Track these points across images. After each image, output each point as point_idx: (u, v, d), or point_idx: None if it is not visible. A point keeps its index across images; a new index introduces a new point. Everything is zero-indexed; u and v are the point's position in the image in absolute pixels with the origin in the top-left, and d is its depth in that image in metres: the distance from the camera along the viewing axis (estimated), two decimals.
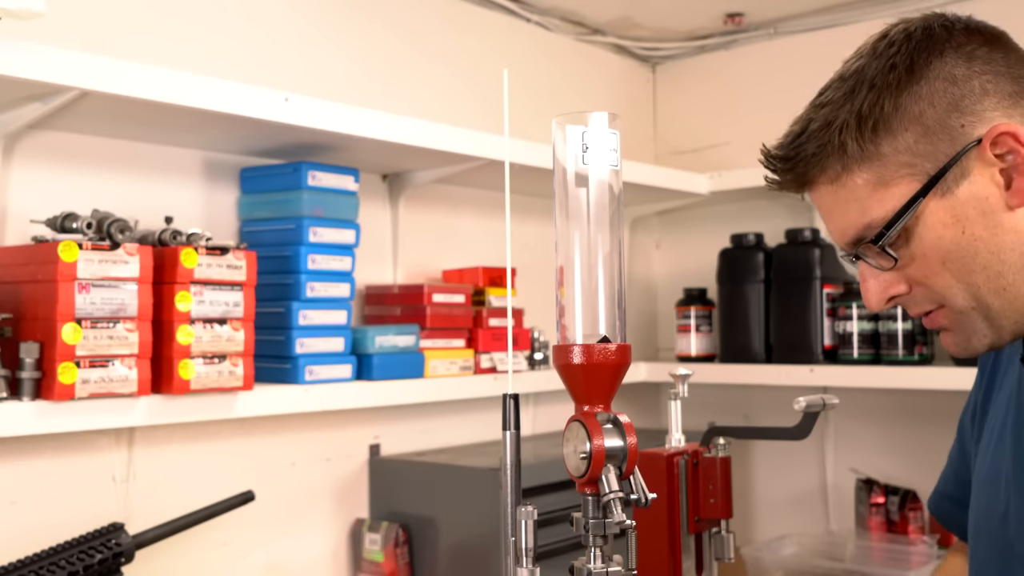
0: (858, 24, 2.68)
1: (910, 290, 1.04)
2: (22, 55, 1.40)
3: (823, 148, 1.01)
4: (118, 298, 1.53)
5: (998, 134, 0.97)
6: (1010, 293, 1.00)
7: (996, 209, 0.98)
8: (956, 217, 0.99)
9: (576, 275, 0.96)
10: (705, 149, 2.96)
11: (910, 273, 1.02)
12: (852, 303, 2.39)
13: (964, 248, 0.99)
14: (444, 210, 2.41)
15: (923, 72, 0.99)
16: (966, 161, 0.98)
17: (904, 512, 2.43)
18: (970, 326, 1.02)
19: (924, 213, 0.99)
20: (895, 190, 1.00)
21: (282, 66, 2.09)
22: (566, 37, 2.80)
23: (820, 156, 1.02)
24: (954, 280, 1.00)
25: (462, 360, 2.15)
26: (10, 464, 1.64)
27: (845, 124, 1.00)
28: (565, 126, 0.96)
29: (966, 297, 1.01)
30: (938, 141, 0.98)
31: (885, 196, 1.00)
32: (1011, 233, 0.98)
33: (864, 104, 0.99)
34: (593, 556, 0.94)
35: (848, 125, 1.00)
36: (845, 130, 1.00)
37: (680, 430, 1.28)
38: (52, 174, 1.74)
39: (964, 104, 0.98)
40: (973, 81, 0.99)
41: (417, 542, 2.07)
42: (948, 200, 0.99)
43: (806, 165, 1.04)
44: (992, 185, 0.98)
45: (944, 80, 0.99)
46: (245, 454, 1.96)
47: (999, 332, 1.02)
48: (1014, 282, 0.99)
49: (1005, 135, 0.97)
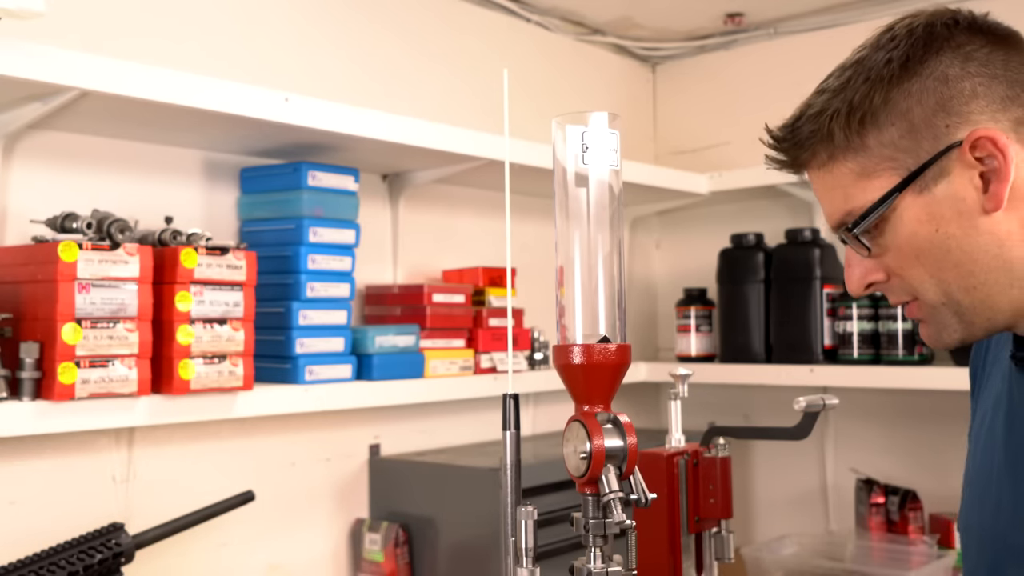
0: (858, 24, 2.68)
1: (888, 279, 1.06)
2: (22, 55, 1.40)
3: (814, 134, 1.04)
4: (118, 298, 1.53)
5: (978, 138, 0.98)
6: (980, 292, 1.01)
7: (972, 211, 0.99)
8: (931, 215, 1.00)
9: (576, 275, 0.96)
10: (705, 149, 2.96)
11: (887, 263, 1.04)
12: (852, 303, 2.39)
13: (937, 245, 1.00)
14: (444, 210, 2.41)
15: (917, 69, 1.00)
16: (947, 161, 0.99)
17: (904, 512, 2.43)
18: (941, 320, 1.04)
19: (900, 207, 1.01)
20: (876, 182, 1.01)
21: (282, 66, 2.09)
22: (566, 37, 2.80)
23: (811, 141, 1.04)
24: (927, 275, 1.02)
25: (462, 360, 2.15)
26: (10, 464, 1.64)
27: (836, 113, 1.02)
28: (565, 126, 0.96)
29: (937, 292, 1.03)
30: (922, 139, 1.00)
31: (867, 187, 1.02)
32: (985, 235, 1.00)
33: (856, 95, 1.01)
34: (593, 556, 0.94)
35: (839, 114, 1.01)
36: (835, 119, 1.02)
37: (680, 430, 1.28)
38: (52, 174, 1.74)
39: (951, 105, 0.99)
40: (964, 82, 0.99)
41: (417, 542, 2.07)
42: (925, 197, 1.00)
43: (799, 149, 1.06)
44: (970, 187, 0.99)
45: (936, 79, 0.99)
46: (245, 454, 1.96)
47: (969, 328, 1.04)
48: (985, 281, 1.01)
49: (984, 139, 0.98)
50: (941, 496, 2.42)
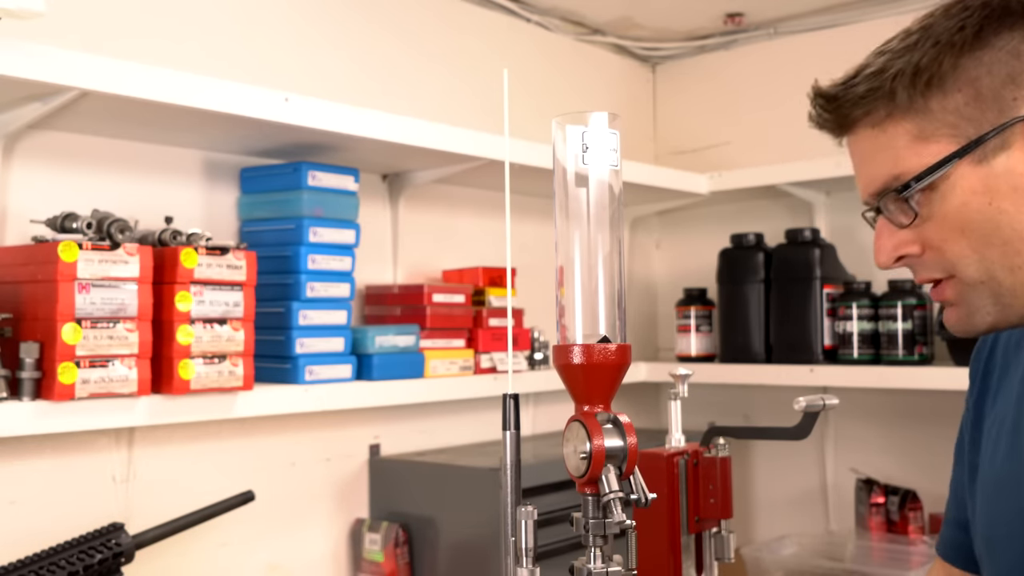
0: (858, 24, 2.68)
1: (922, 253, 1.03)
2: (22, 55, 1.40)
3: (873, 91, 1.02)
4: (118, 298, 1.53)
5: None
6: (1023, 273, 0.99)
7: None
8: (987, 187, 0.98)
9: (576, 275, 0.95)
10: (705, 149, 2.96)
11: (926, 235, 1.02)
12: (852, 303, 2.39)
13: (988, 219, 0.98)
14: (444, 210, 2.41)
15: (990, 40, 0.99)
16: (1010, 134, 0.98)
17: (904, 512, 2.43)
18: (976, 302, 1.02)
19: (955, 176, 0.99)
20: (933, 147, 1.00)
21: (282, 66, 2.09)
22: (566, 37, 2.80)
23: (868, 99, 1.02)
24: (969, 250, 1.00)
25: (462, 360, 2.15)
26: (10, 464, 1.64)
27: (900, 72, 1.00)
28: (565, 126, 0.96)
29: (978, 269, 1.00)
30: (987, 109, 0.98)
31: (921, 151, 1.00)
32: None
33: (924, 58, 0.99)
34: (593, 556, 0.94)
35: (903, 74, 1.00)
36: (899, 78, 1.00)
37: (680, 430, 1.28)
38: (52, 174, 1.74)
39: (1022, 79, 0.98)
40: None
41: (417, 542, 2.07)
42: (983, 169, 0.98)
43: (852, 106, 1.04)
44: None
45: (1008, 53, 0.98)
46: (245, 454, 1.96)
47: (1004, 312, 1.01)
48: None
49: None
50: (941, 496, 2.40)
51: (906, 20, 1.06)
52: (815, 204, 2.68)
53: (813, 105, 1.08)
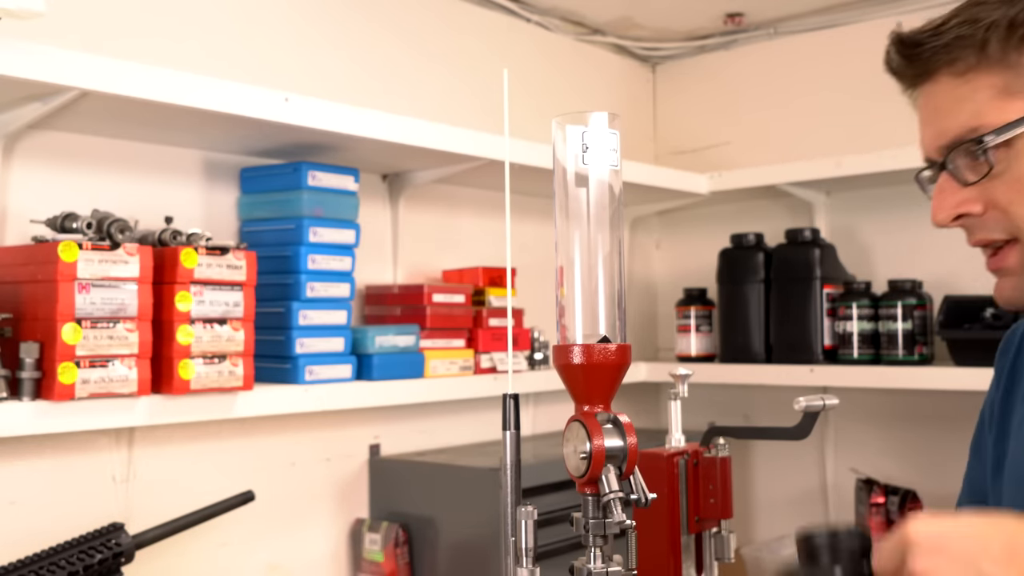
0: (858, 24, 2.68)
1: (984, 212, 1.02)
2: (22, 55, 1.40)
3: (962, 40, 1.00)
4: (118, 298, 1.53)
5: None
6: None
7: None
8: None
9: (576, 275, 0.95)
10: (705, 149, 2.96)
11: (993, 194, 1.01)
12: (852, 303, 2.39)
13: None
14: (444, 210, 2.41)
15: None
16: None
17: (904, 512, 2.43)
18: None
19: None
20: (1018, 103, 0.98)
21: (282, 66, 2.09)
22: (566, 37, 2.80)
23: (956, 47, 1.00)
24: None
25: (462, 360, 2.15)
26: (10, 464, 1.64)
27: (995, 24, 0.99)
28: (565, 126, 0.96)
29: None
30: None
31: (1005, 106, 0.99)
32: None
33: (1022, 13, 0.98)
34: (593, 556, 0.94)
35: (997, 25, 0.98)
36: (992, 29, 0.99)
37: (680, 430, 1.28)
38: (52, 174, 1.74)
39: None
40: None
41: (417, 542, 2.07)
42: None
43: (937, 52, 1.02)
44: None
45: None
46: (245, 454, 1.96)
47: None
48: None
49: None
50: (941, 496, 2.42)
51: (906, 20, 1.06)
52: (815, 204, 2.68)
53: (891, 51, 1.05)
